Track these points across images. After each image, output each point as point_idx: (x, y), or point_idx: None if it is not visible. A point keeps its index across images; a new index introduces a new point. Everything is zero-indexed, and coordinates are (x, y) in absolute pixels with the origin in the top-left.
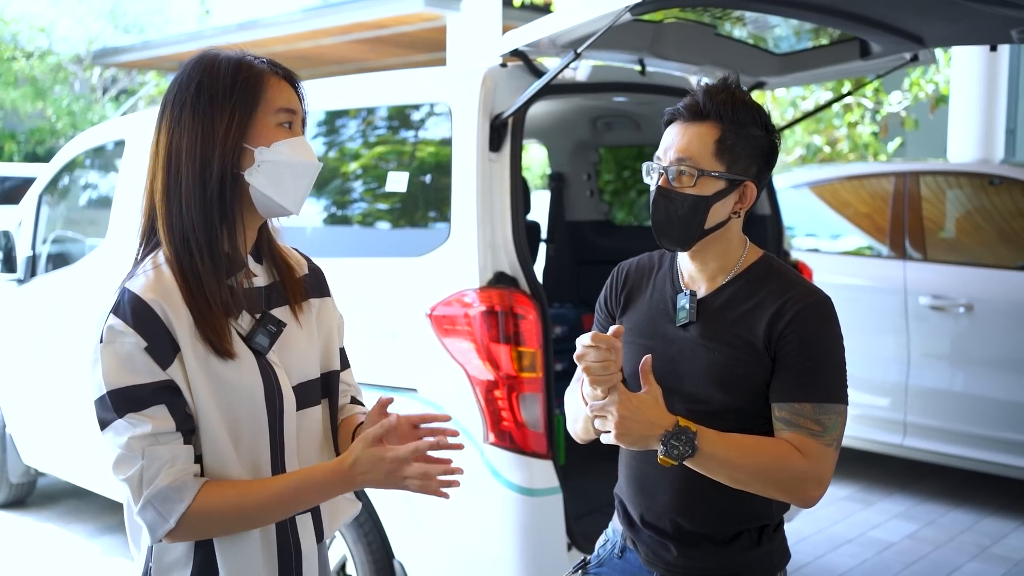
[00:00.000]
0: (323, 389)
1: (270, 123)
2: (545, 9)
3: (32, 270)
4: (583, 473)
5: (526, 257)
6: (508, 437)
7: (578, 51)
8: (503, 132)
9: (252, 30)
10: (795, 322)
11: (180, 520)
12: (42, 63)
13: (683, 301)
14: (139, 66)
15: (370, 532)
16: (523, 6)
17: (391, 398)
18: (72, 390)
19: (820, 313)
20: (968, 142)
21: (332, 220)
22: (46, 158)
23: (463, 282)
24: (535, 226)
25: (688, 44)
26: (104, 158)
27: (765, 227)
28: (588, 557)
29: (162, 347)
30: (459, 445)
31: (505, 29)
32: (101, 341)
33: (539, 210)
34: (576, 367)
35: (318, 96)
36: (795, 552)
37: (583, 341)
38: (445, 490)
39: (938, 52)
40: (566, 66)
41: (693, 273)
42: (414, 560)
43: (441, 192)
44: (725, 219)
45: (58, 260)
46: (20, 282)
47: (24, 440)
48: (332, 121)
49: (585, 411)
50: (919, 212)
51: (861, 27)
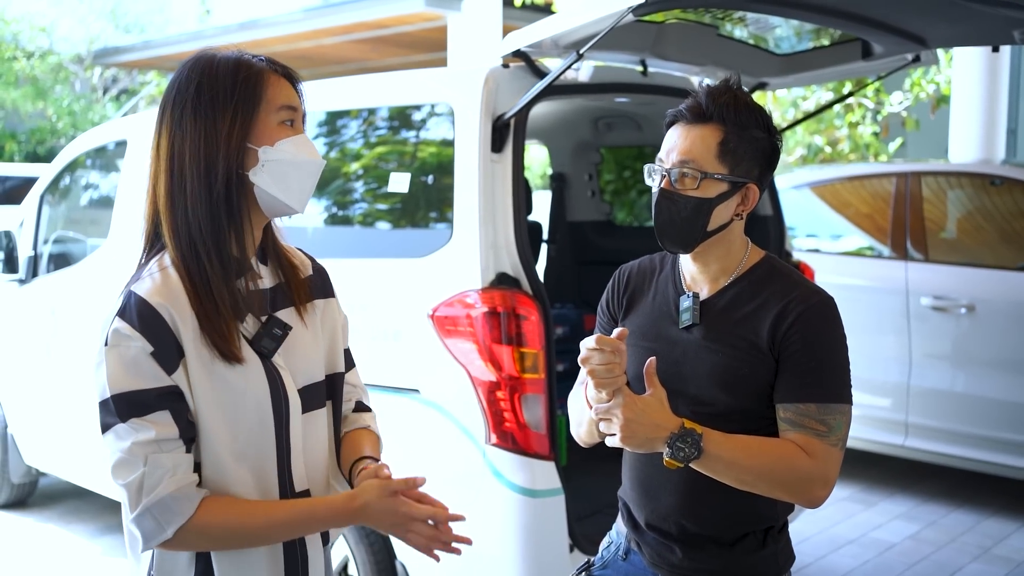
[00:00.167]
0: (328, 391)
1: (272, 122)
2: (546, 9)
3: (34, 270)
4: (585, 474)
5: (528, 258)
6: (510, 438)
7: (581, 52)
8: (505, 133)
9: (253, 30)
10: (799, 323)
11: (178, 532)
12: (43, 63)
13: (686, 303)
14: (140, 66)
15: (372, 533)
16: (524, 6)
17: (424, 480)
18: (74, 390)
19: (823, 313)
20: (969, 142)
21: (334, 221)
22: (47, 158)
23: (465, 283)
24: (536, 227)
25: (690, 45)
26: (106, 158)
27: (767, 228)
28: (592, 559)
29: (168, 352)
30: (468, 540)
31: (506, 29)
32: (106, 344)
33: (540, 210)
34: (579, 369)
35: (320, 97)
36: (797, 553)
37: (587, 344)
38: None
39: (939, 52)
40: (569, 67)
41: (695, 275)
42: (416, 561)
43: (443, 193)
44: (728, 221)
45: (60, 260)
46: (22, 282)
47: (25, 440)
48: (334, 122)
49: (589, 414)
50: (920, 212)
51: (863, 28)
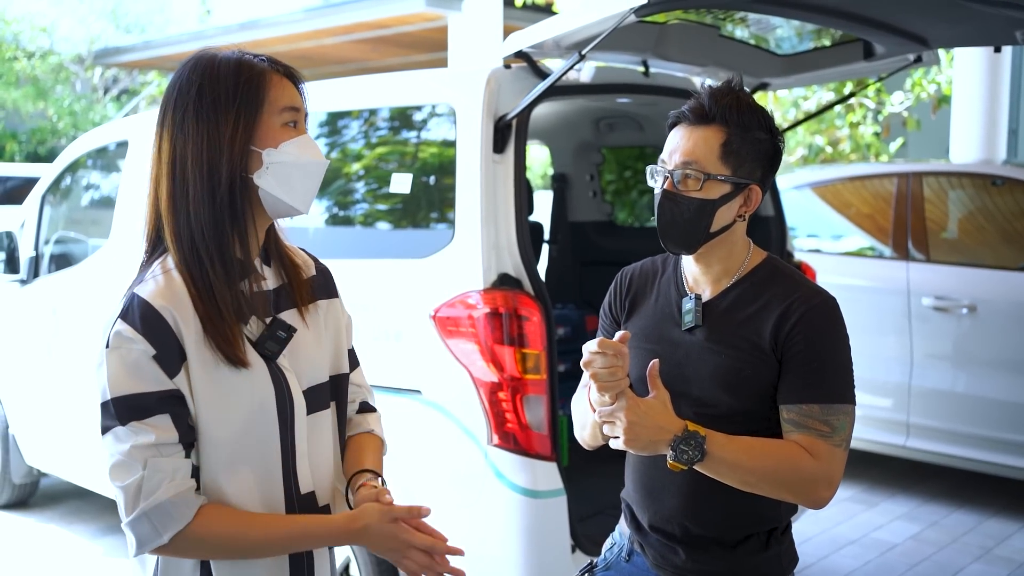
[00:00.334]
0: (333, 392)
1: (275, 123)
2: (546, 9)
3: (35, 271)
4: (587, 475)
5: (530, 258)
6: (512, 439)
7: (583, 53)
8: (507, 133)
9: (253, 30)
10: (801, 323)
11: (174, 538)
12: (43, 63)
13: (688, 305)
14: (140, 66)
15: None
16: (524, 6)
17: (428, 511)
18: (75, 391)
19: (826, 314)
20: (970, 142)
21: (336, 221)
22: (48, 158)
23: (467, 283)
24: (538, 227)
25: (692, 45)
26: (107, 159)
27: (768, 228)
28: (595, 560)
29: (170, 355)
30: (462, 573)
31: (507, 29)
32: (107, 346)
33: (542, 211)
34: (581, 370)
35: (321, 97)
36: (798, 553)
37: (589, 348)
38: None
39: (940, 52)
40: (571, 67)
41: (697, 276)
42: None
43: (445, 194)
44: (730, 222)
45: (61, 261)
46: (23, 283)
47: (27, 440)
48: (335, 122)
49: (593, 417)
50: (921, 213)
51: (865, 28)
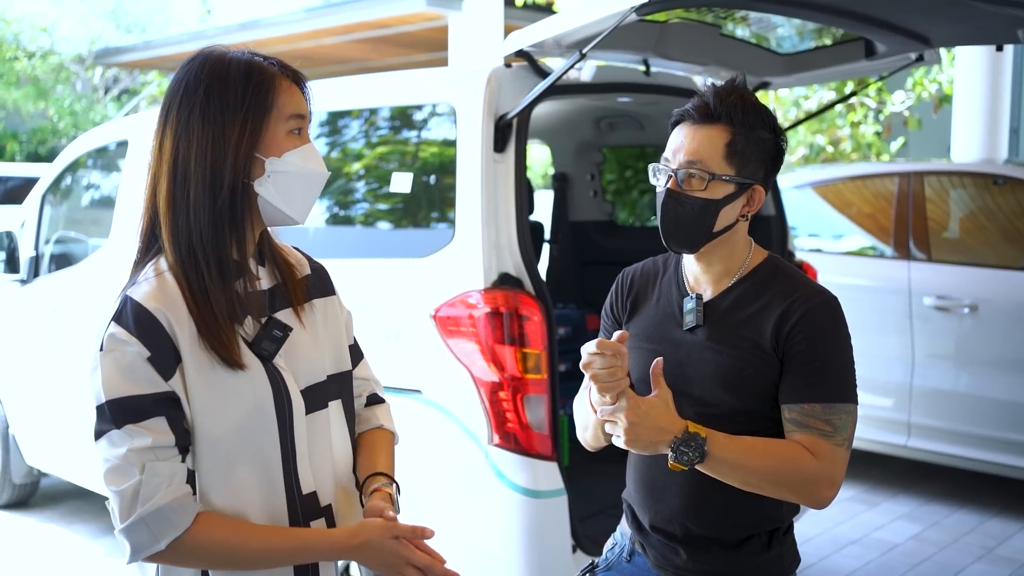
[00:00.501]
0: (335, 390)
1: (281, 131)
2: (547, 9)
3: (35, 270)
4: (588, 475)
5: (531, 258)
6: (512, 439)
7: (583, 52)
8: (507, 133)
9: (254, 30)
10: (802, 322)
11: (172, 544)
12: (44, 63)
13: (689, 305)
14: (141, 66)
15: None
16: (525, 6)
17: (432, 533)
18: (75, 390)
19: (827, 313)
20: (972, 142)
21: (336, 221)
22: (48, 158)
23: (467, 283)
24: (538, 227)
25: (692, 44)
26: (107, 158)
27: (769, 228)
28: (596, 560)
29: (165, 358)
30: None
31: (507, 29)
32: (101, 349)
33: (542, 210)
34: (583, 372)
35: (322, 96)
36: (799, 553)
37: (588, 349)
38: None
39: (942, 51)
40: (571, 66)
41: (698, 275)
42: None
43: (445, 193)
44: (733, 222)
45: (61, 260)
46: (23, 282)
47: (27, 440)
48: (336, 122)
49: (594, 418)
50: (923, 212)
51: (867, 27)
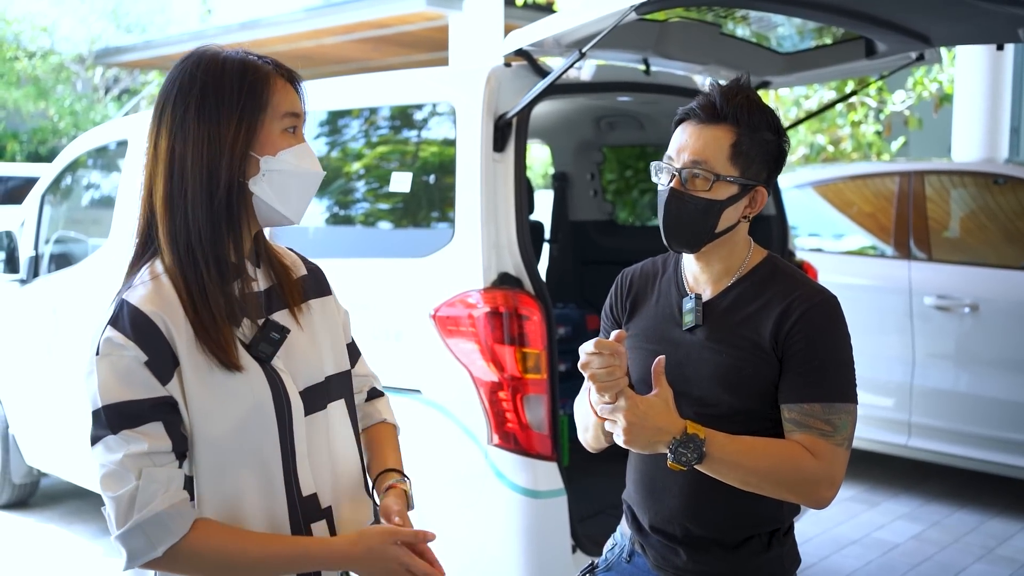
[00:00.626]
0: (335, 391)
1: (276, 130)
2: (547, 8)
3: (35, 270)
4: (587, 475)
5: (530, 258)
6: (512, 439)
7: (583, 51)
8: (507, 132)
9: (254, 29)
10: (802, 322)
11: (169, 551)
12: (44, 63)
13: (688, 305)
14: (141, 66)
15: None
16: (525, 5)
17: (434, 536)
18: (75, 391)
19: (827, 312)
20: (972, 141)
21: (335, 221)
22: (48, 158)
23: (467, 283)
24: (538, 226)
25: (693, 43)
26: (107, 158)
27: (770, 227)
28: (595, 561)
29: (163, 362)
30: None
31: (507, 28)
32: (98, 353)
33: (542, 210)
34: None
35: (321, 96)
36: (800, 553)
37: (586, 349)
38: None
39: (942, 50)
40: (571, 66)
41: (697, 275)
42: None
43: (445, 192)
44: (735, 223)
45: (61, 260)
46: (23, 282)
47: (27, 440)
48: (335, 121)
49: (595, 419)
50: (923, 212)
51: (867, 26)
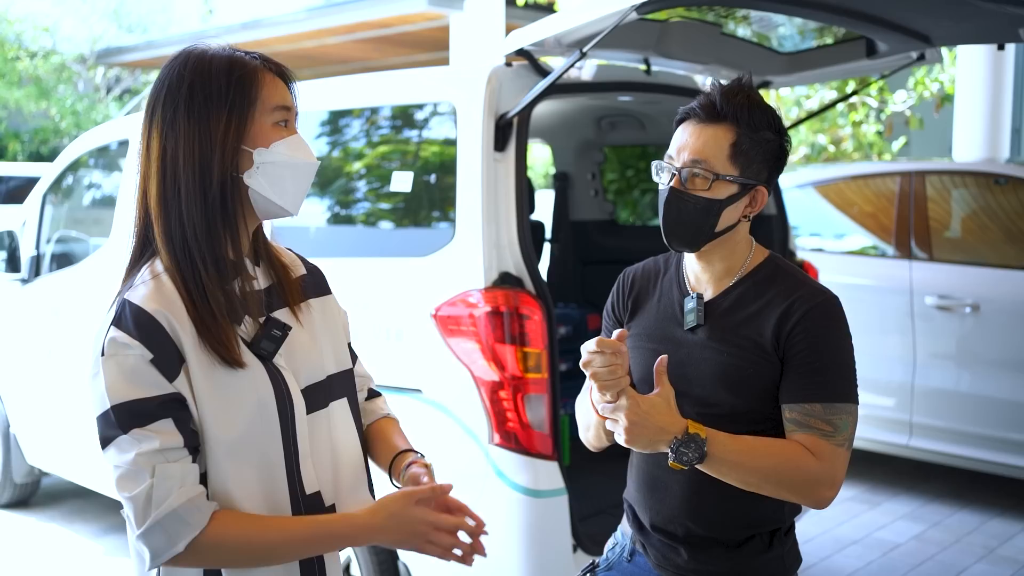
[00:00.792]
0: (336, 390)
1: (266, 123)
2: (548, 8)
3: (36, 270)
4: (588, 474)
5: (531, 257)
6: (513, 438)
7: (584, 50)
8: (508, 132)
9: (255, 29)
10: (803, 322)
11: (190, 545)
12: (46, 63)
13: (690, 304)
14: (143, 65)
15: None
16: (526, 5)
17: (451, 486)
18: (76, 390)
19: (828, 313)
20: (973, 141)
21: (336, 220)
22: (50, 158)
23: (468, 282)
24: (539, 226)
25: (693, 43)
26: (108, 158)
27: (771, 227)
28: (596, 560)
29: (168, 359)
30: (483, 552)
31: (508, 28)
32: (103, 354)
33: (543, 210)
34: (583, 371)
35: (323, 96)
36: (801, 553)
37: (588, 348)
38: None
39: (943, 51)
40: (572, 65)
41: (699, 274)
42: (419, 562)
43: (446, 192)
44: (735, 222)
45: (62, 260)
46: (24, 282)
47: (28, 440)
48: (336, 121)
49: (596, 418)
50: (924, 212)
51: (868, 26)
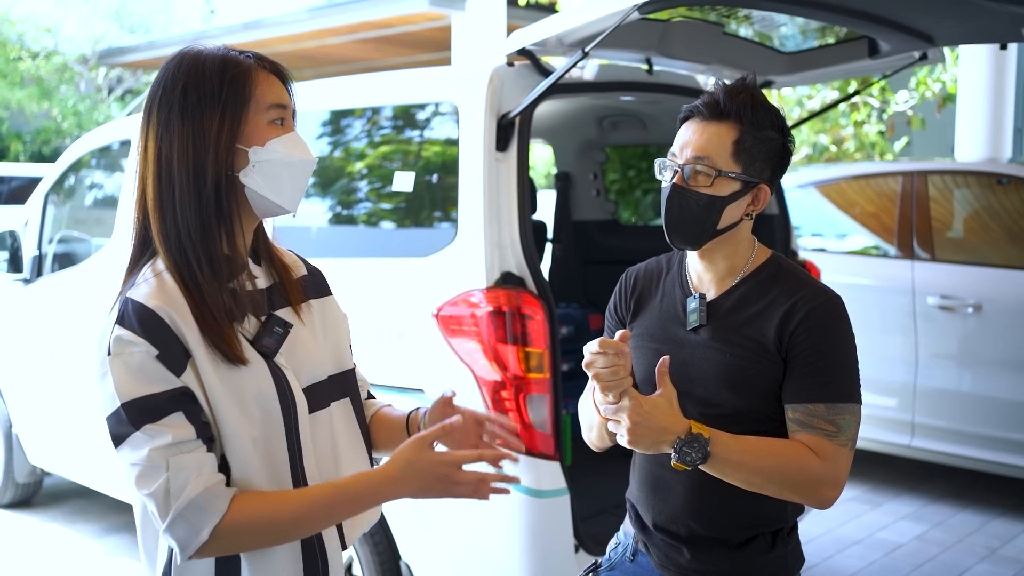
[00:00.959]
0: (338, 389)
1: (262, 121)
2: (550, 8)
3: (38, 270)
4: (590, 474)
5: (533, 257)
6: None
7: (586, 50)
8: (510, 131)
9: (257, 30)
10: (806, 322)
11: (213, 532)
12: (48, 63)
13: (693, 304)
14: (144, 66)
15: (376, 533)
16: (528, 5)
17: (454, 392)
18: (78, 390)
19: (831, 312)
20: (976, 141)
21: (338, 220)
22: (52, 158)
23: (470, 282)
24: (541, 226)
25: (695, 43)
26: (110, 158)
27: (773, 227)
28: (599, 560)
29: (173, 354)
30: (516, 478)
31: (510, 28)
32: (109, 354)
33: (545, 210)
34: (585, 372)
35: (324, 95)
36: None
37: (590, 348)
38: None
39: (945, 50)
40: (574, 65)
41: (701, 274)
42: (420, 561)
43: (447, 192)
44: (737, 220)
45: (64, 260)
46: (26, 282)
47: (30, 440)
48: (338, 121)
49: (599, 419)
50: (927, 212)
51: (870, 25)
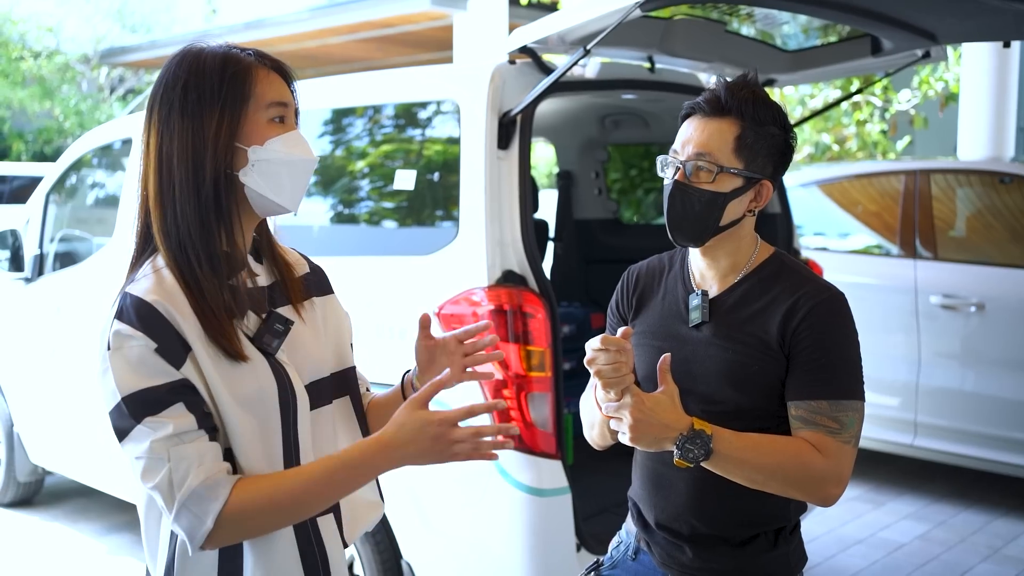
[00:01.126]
0: (339, 387)
1: (262, 119)
2: (551, 7)
3: (39, 269)
4: (592, 473)
5: (535, 255)
6: (517, 437)
7: (588, 48)
8: (511, 130)
9: (259, 29)
10: (809, 319)
11: (217, 520)
12: (50, 63)
13: (695, 301)
14: (146, 65)
15: (377, 532)
16: (530, 4)
17: (429, 318)
18: (79, 389)
19: (834, 309)
20: (978, 140)
21: (340, 219)
22: (53, 157)
23: (471, 280)
24: (543, 224)
25: (697, 41)
26: (111, 157)
27: (775, 226)
28: (601, 559)
29: (172, 347)
30: (513, 436)
31: (511, 27)
32: (108, 348)
33: (547, 208)
34: (587, 370)
35: (326, 94)
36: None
37: (592, 345)
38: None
39: (948, 49)
40: (575, 63)
41: (704, 271)
42: (422, 560)
43: (449, 190)
44: (739, 217)
45: (65, 259)
46: (27, 281)
47: (32, 439)
48: (339, 119)
49: (601, 416)
50: (929, 211)
51: (873, 23)
